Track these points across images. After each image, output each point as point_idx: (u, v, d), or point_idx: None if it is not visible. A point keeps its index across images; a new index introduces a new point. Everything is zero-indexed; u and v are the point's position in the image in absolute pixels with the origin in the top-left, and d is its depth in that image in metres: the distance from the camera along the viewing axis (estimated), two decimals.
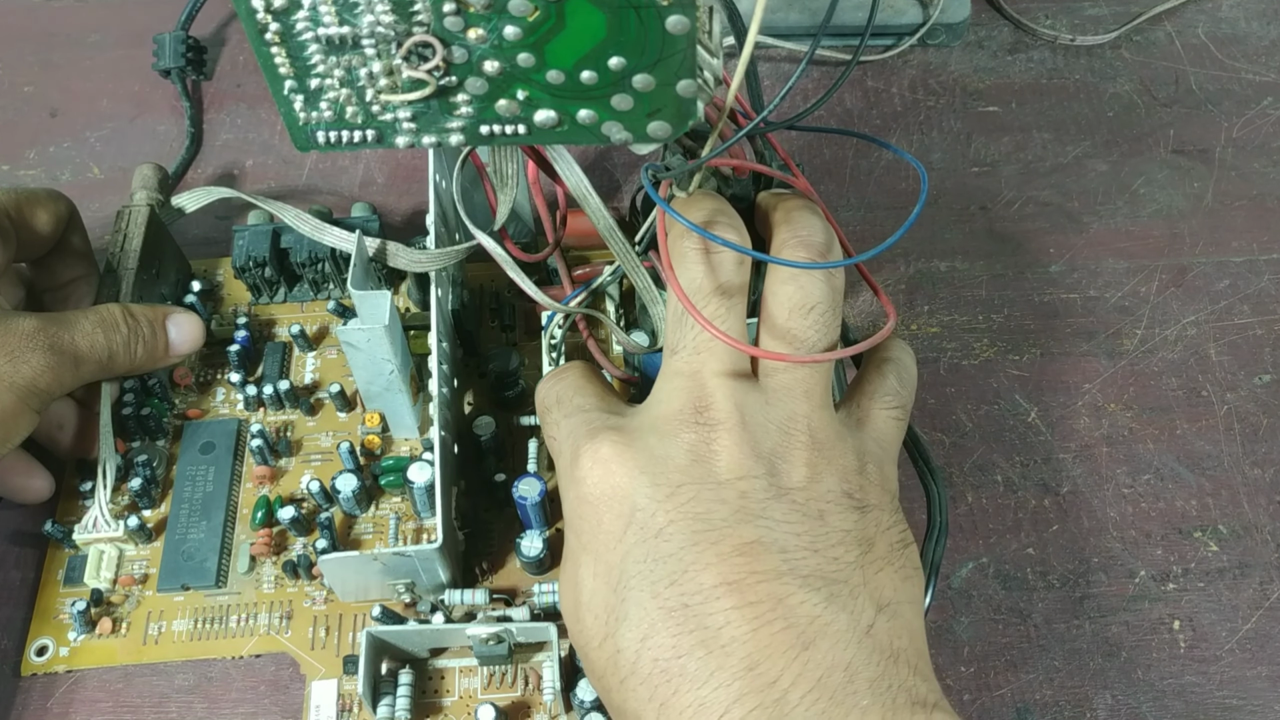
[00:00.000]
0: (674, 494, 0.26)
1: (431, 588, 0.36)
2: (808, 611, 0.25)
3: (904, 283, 0.46)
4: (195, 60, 0.53)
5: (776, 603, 0.25)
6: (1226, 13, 0.56)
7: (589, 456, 0.28)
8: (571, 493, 0.29)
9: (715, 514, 0.26)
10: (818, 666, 0.24)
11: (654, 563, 0.26)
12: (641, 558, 0.26)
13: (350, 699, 0.35)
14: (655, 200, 0.28)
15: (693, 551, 0.26)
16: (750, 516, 0.26)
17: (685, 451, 0.27)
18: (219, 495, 0.39)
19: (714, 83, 0.27)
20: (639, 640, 0.25)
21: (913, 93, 0.53)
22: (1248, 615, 0.38)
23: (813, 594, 0.25)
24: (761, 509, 0.26)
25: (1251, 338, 0.44)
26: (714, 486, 0.27)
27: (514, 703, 0.35)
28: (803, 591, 0.25)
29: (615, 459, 0.27)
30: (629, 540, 0.27)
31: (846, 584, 0.26)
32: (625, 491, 0.27)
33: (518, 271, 0.35)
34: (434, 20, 0.25)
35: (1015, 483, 0.41)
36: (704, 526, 0.26)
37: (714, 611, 0.25)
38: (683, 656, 0.25)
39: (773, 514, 0.26)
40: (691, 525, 0.26)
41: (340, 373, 0.42)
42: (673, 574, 0.26)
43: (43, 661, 0.36)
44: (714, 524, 0.26)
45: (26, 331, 0.35)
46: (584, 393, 0.31)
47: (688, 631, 0.25)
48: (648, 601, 0.26)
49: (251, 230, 0.42)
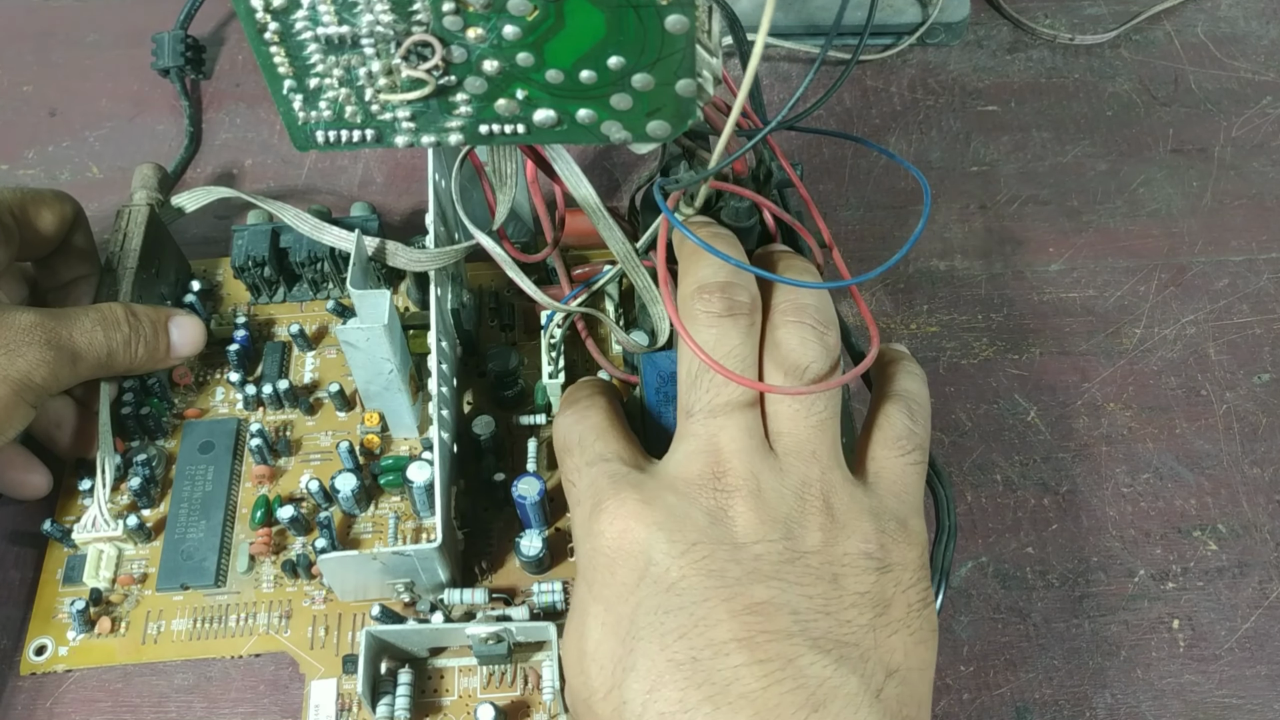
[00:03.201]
0: (689, 550, 0.26)
1: (431, 587, 0.36)
2: (818, 673, 0.25)
3: (903, 282, 0.46)
4: (194, 60, 0.53)
5: (787, 662, 0.25)
6: (1226, 12, 0.56)
7: (610, 513, 0.28)
8: (588, 545, 0.28)
9: (729, 572, 0.26)
10: None
11: (665, 615, 0.26)
12: (652, 609, 0.26)
13: (349, 698, 0.35)
14: (666, 213, 0.28)
15: (704, 606, 0.26)
16: (764, 577, 0.26)
17: (704, 514, 0.27)
18: (218, 495, 0.39)
19: (713, 82, 0.27)
20: (645, 692, 0.25)
21: (912, 92, 0.53)
22: (1247, 614, 0.38)
23: (823, 655, 0.25)
24: (775, 570, 0.26)
25: (1250, 337, 0.44)
26: (730, 547, 0.27)
27: (513, 702, 0.35)
28: (813, 653, 0.25)
29: (635, 516, 0.27)
30: (641, 593, 0.26)
31: (858, 647, 0.26)
32: (642, 546, 0.27)
33: (517, 271, 0.35)
34: (433, 20, 0.25)
35: (1014, 482, 0.41)
36: (718, 583, 0.26)
37: (723, 667, 0.25)
38: (690, 710, 0.24)
39: (786, 576, 0.26)
40: (705, 581, 0.26)
41: (339, 372, 0.42)
42: (683, 627, 0.25)
43: (42, 661, 0.36)
44: (727, 581, 0.26)
45: (24, 325, 0.35)
46: (606, 439, 0.31)
47: (695, 685, 0.25)
48: (656, 654, 0.25)
49: (251, 230, 0.42)
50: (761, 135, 0.29)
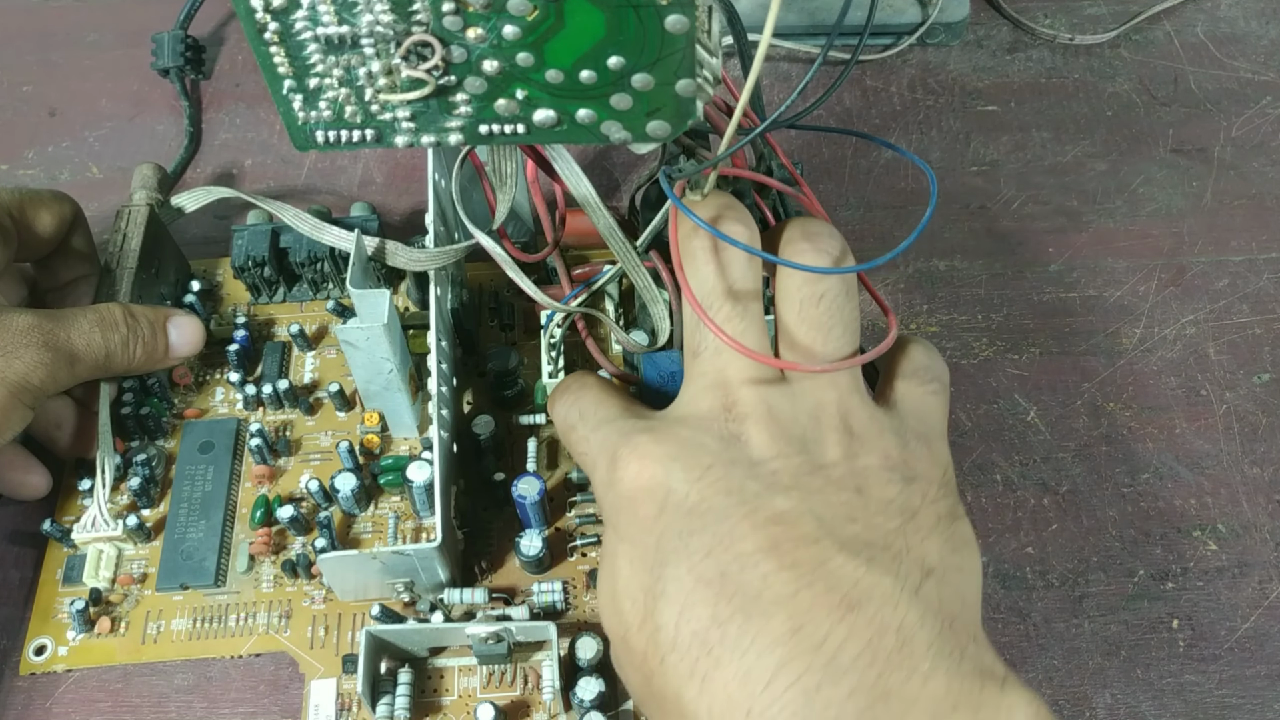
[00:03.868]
0: (704, 474, 0.26)
1: (431, 587, 0.36)
2: (850, 574, 0.24)
3: (903, 282, 0.46)
4: (194, 59, 0.53)
5: (817, 565, 0.24)
6: (1225, 12, 0.56)
7: (625, 458, 0.28)
8: (610, 495, 0.28)
9: (748, 488, 0.26)
10: (867, 628, 0.23)
11: (689, 537, 0.26)
12: (676, 534, 0.26)
13: (349, 698, 0.35)
14: (672, 199, 0.28)
15: (726, 524, 0.25)
16: (783, 488, 0.26)
17: (716, 440, 0.27)
18: (218, 494, 0.39)
19: (713, 82, 0.27)
20: (677, 614, 0.25)
21: (912, 92, 0.53)
22: (1247, 614, 0.38)
23: (853, 557, 0.24)
24: (795, 481, 0.26)
25: (1250, 337, 0.44)
26: (746, 466, 0.26)
27: (513, 702, 0.35)
28: (842, 555, 0.24)
29: (649, 455, 0.27)
30: (663, 522, 0.26)
31: (889, 549, 0.25)
32: (660, 479, 0.27)
33: (517, 271, 0.35)
34: (433, 20, 0.25)
35: (1014, 482, 0.41)
36: (737, 500, 0.26)
37: (752, 578, 0.24)
38: (723, 624, 0.24)
39: (807, 486, 0.26)
40: (724, 500, 0.26)
41: (339, 372, 0.42)
42: (708, 545, 0.25)
43: (41, 661, 0.36)
44: (746, 497, 0.26)
45: (21, 327, 0.35)
46: (607, 405, 0.31)
47: (726, 599, 0.24)
48: (684, 575, 0.25)
49: (250, 230, 0.42)
50: (763, 128, 0.29)
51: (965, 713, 0.22)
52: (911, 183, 0.49)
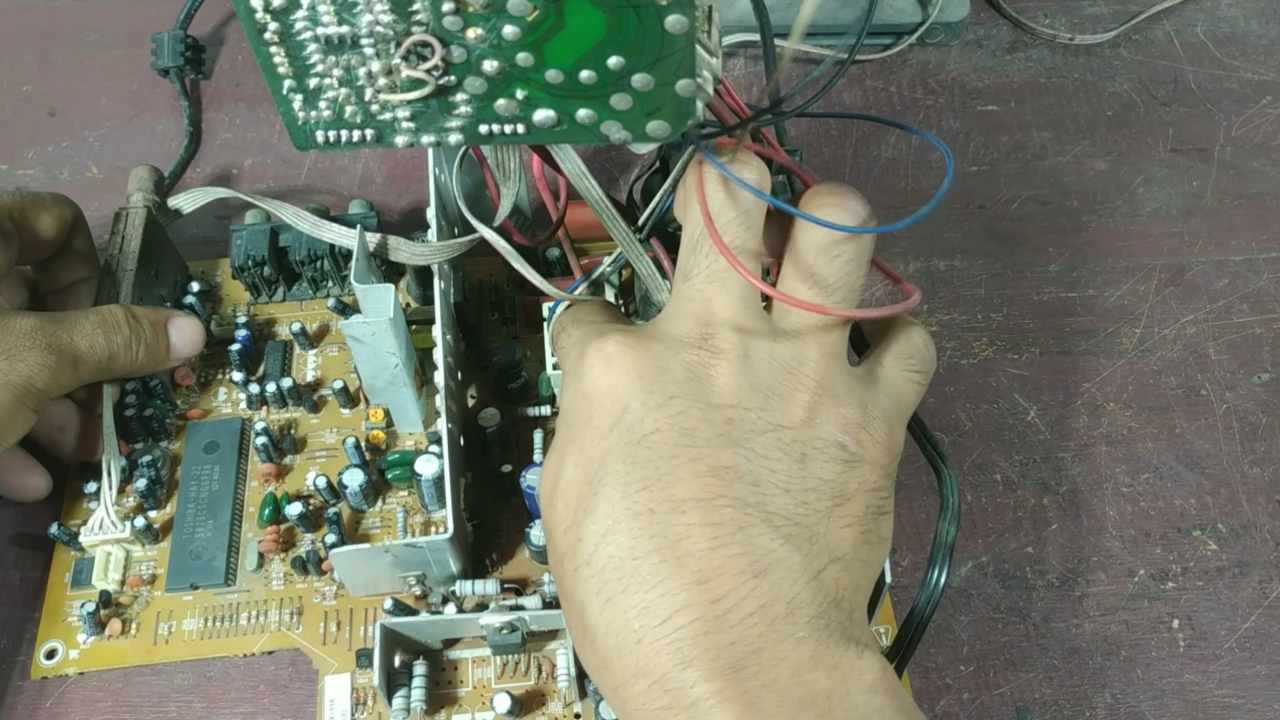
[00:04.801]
0: (665, 404, 0.27)
1: (442, 579, 0.36)
2: (764, 544, 0.26)
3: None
4: (194, 59, 0.53)
5: (738, 529, 0.26)
6: (1225, 11, 0.56)
7: (594, 353, 0.28)
8: (571, 387, 0.29)
9: (700, 432, 0.27)
10: (764, 594, 0.25)
11: (631, 465, 0.27)
12: (621, 458, 0.27)
13: (364, 692, 0.35)
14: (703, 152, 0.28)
15: (670, 463, 0.26)
16: (732, 442, 0.27)
17: (684, 368, 0.27)
18: (225, 494, 0.39)
19: (713, 82, 0.27)
20: (600, 535, 0.26)
21: (911, 91, 0.53)
22: (1247, 614, 0.38)
23: (772, 530, 0.26)
24: (745, 438, 0.27)
25: (1250, 336, 0.44)
26: (704, 407, 0.27)
27: (529, 691, 0.35)
28: (763, 526, 0.26)
29: (617, 358, 0.28)
30: (613, 439, 0.27)
31: (809, 530, 0.26)
32: (620, 392, 0.27)
33: (522, 263, 0.35)
34: (433, 20, 0.25)
35: (1014, 482, 0.41)
36: (687, 441, 0.26)
37: (677, 524, 0.26)
38: (638, 559, 0.25)
39: (755, 445, 0.27)
40: (675, 438, 0.27)
41: (343, 369, 0.42)
42: (646, 479, 0.26)
43: (52, 664, 0.36)
44: (696, 441, 0.26)
45: (24, 330, 0.35)
46: (598, 313, 0.32)
47: (648, 536, 0.26)
48: (617, 500, 0.26)
49: (250, 229, 0.42)
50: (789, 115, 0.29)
51: (823, 670, 0.25)
52: (911, 183, 0.49)
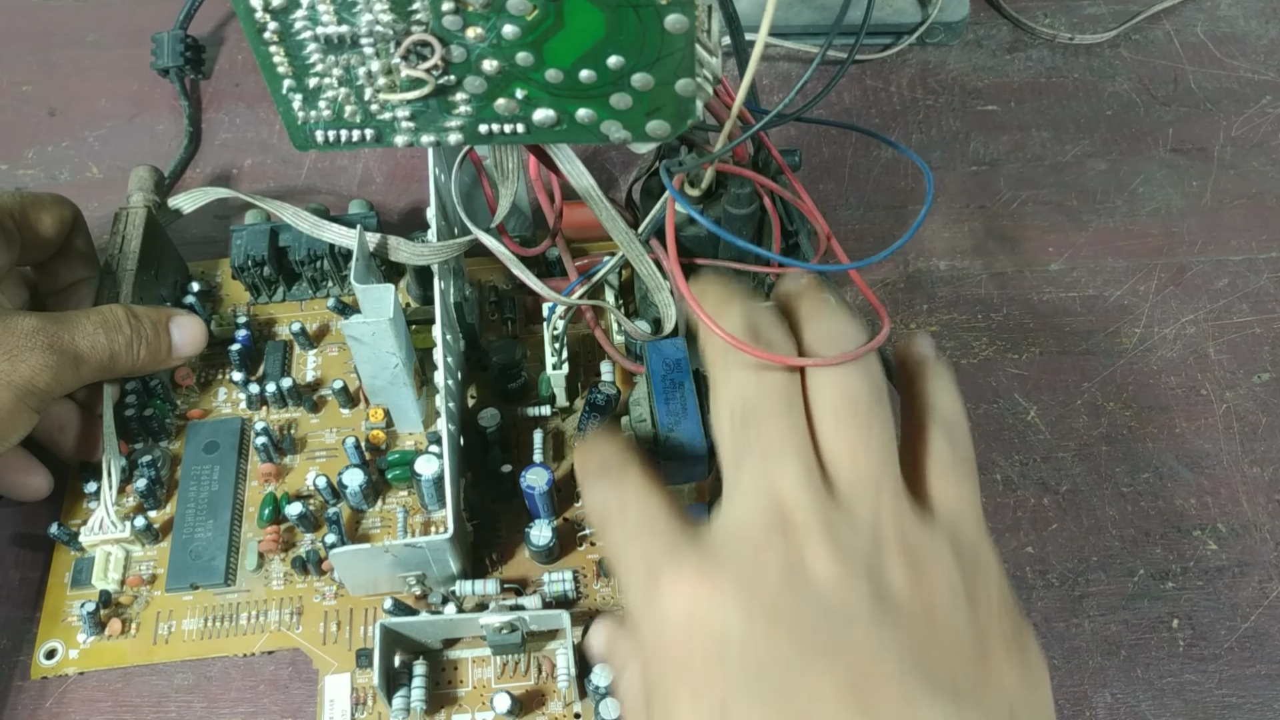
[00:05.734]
0: (770, 609, 0.24)
1: (442, 579, 0.36)
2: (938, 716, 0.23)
3: (903, 281, 0.46)
4: (194, 59, 0.53)
5: (905, 703, 0.23)
6: (1225, 11, 0.56)
7: (670, 584, 0.26)
8: (652, 622, 0.26)
9: (819, 628, 0.24)
10: None
11: (761, 677, 0.24)
12: (747, 679, 0.24)
13: (364, 692, 0.35)
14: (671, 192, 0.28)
15: (800, 661, 0.24)
16: (857, 622, 0.24)
17: (776, 570, 0.25)
18: (225, 494, 0.39)
19: (713, 81, 0.27)
20: None
21: (911, 91, 0.53)
22: (1247, 614, 0.38)
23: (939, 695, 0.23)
24: (869, 615, 0.24)
25: (1250, 336, 0.44)
26: (813, 597, 0.25)
27: (528, 691, 0.35)
28: (928, 693, 0.23)
29: (698, 585, 0.25)
30: (728, 672, 0.24)
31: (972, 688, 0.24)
32: (716, 618, 0.25)
33: (519, 265, 0.35)
34: (432, 19, 0.25)
35: (1014, 481, 0.41)
36: (809, 635, 0.24)
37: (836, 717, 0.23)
38: None
39: (880, 619, 0.24)
40: (796, 636, 0.24)
41: (342, 369, 0.42)
42: (784, 687, 0.23)
43: (52, 664, 0.36)
44: (819, 630, 0.24)
45: (26, 330, 0.35)
46: (650, 501, 0.28)
47: None
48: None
49: (249, 229, 0.42)
50: (760, 126, 0.29)
51: None
52: (910, 182, 0.49)
